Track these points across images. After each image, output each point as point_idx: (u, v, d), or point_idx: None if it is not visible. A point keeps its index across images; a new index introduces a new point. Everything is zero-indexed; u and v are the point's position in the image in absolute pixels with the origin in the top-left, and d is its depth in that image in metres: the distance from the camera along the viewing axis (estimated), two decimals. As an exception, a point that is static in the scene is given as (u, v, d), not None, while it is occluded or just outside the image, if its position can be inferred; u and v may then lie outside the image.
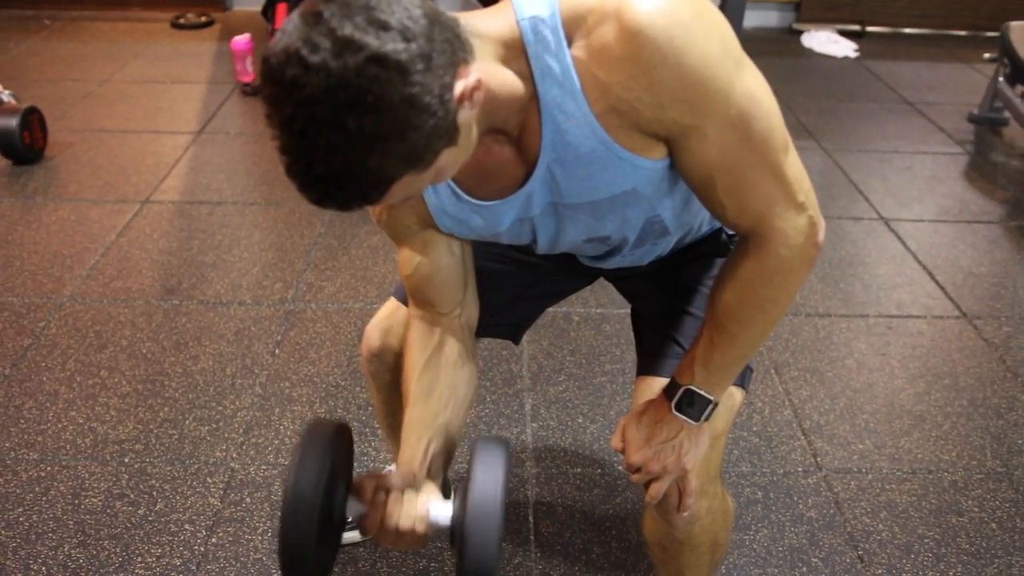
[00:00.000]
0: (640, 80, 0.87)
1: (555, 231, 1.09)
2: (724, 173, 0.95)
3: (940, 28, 5.47)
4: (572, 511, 1.81)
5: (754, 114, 0.92)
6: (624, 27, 0.85)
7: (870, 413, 2.12)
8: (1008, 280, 2.74)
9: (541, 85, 0.91)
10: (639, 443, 1.11)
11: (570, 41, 0.90)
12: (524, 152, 0.98)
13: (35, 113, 3.26)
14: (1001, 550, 1.76)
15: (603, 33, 0.87)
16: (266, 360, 2.22)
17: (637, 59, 0.86)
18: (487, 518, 0.98)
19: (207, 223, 2.89)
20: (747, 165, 0.94)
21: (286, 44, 0.74)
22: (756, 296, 1.02)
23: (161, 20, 5.09)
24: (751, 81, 0.92)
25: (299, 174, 0.79)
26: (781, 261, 0.99)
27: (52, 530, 1.71)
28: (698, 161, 0.94)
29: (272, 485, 1.83)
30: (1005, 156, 3.73)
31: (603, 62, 0.88)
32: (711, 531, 1.24)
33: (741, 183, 0.95)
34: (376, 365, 1.42)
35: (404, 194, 0.85)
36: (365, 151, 0.76)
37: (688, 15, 0.86)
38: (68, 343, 2.26)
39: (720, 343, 1.06)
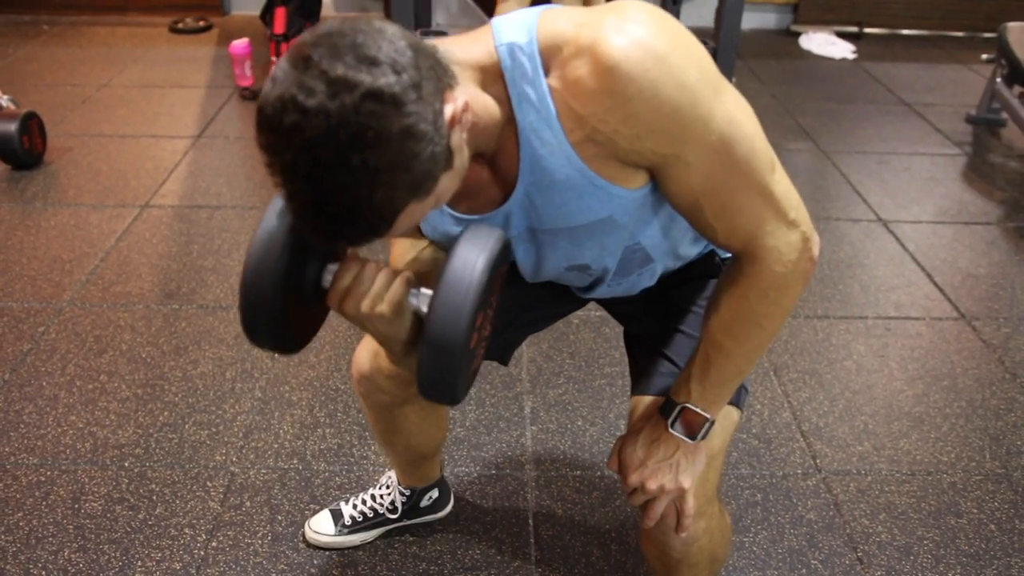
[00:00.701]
0: (616, 113, 0.88)
1: (535, 258, 1.10)
2: (710, 197, 0.95)
3: (938, 29, 5.48)
4: (572, 514, 1.81)
5: (735, 137, 0.92)
6: (598, 62, 0.86)
7: (869, 415, 2.13)
8: (1006, 281, 2.74)
9: (518, 111, 0.92)
10: (636, 463, 1.11)
11: (547, 70, 0.91)
12: (501, 174, 0.99)
13: (34, 118, 3.26)
14: (1000, 551, 1.76)
15: (577, 66, 0.88)
16: (266, 364, 2.22)
17: (612, 93, 0.87)
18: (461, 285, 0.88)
19: (206, 227, 2.89)
20: (733, 188, 0.95)
21: (280, 92, 0.75)
22: (752, 312, 1.02)
23: (159, 25, 5.10)
24: (731, 105, 0.92)
25: (310, 217, 0.80)
26: (776, 277, 0.99)
27: (52, 535, 1.71)
28: (683, 188, 0.95)
29: (272, 489, 1.84)
30: (1003, 157, 3.73)
31: (578, 95, 0.89)
32: (709, 550, 1.23)
33: (729, 205, 0.96)
34: (366, 387, 1.42)
35: (409, 223, 0.86)
36: (371, 186, 0.77)
37: (663, 47, 0.87)
38: (68, 348, 2.26)
39: (716, 360, 1.06)
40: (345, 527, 1.70)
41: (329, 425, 2.02)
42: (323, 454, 1.94)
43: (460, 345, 0.89)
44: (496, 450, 1.97)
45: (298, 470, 1.89)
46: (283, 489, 1.84)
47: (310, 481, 1.86)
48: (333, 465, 1.91)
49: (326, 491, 1.84)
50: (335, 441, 1.98)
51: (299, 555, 1.69)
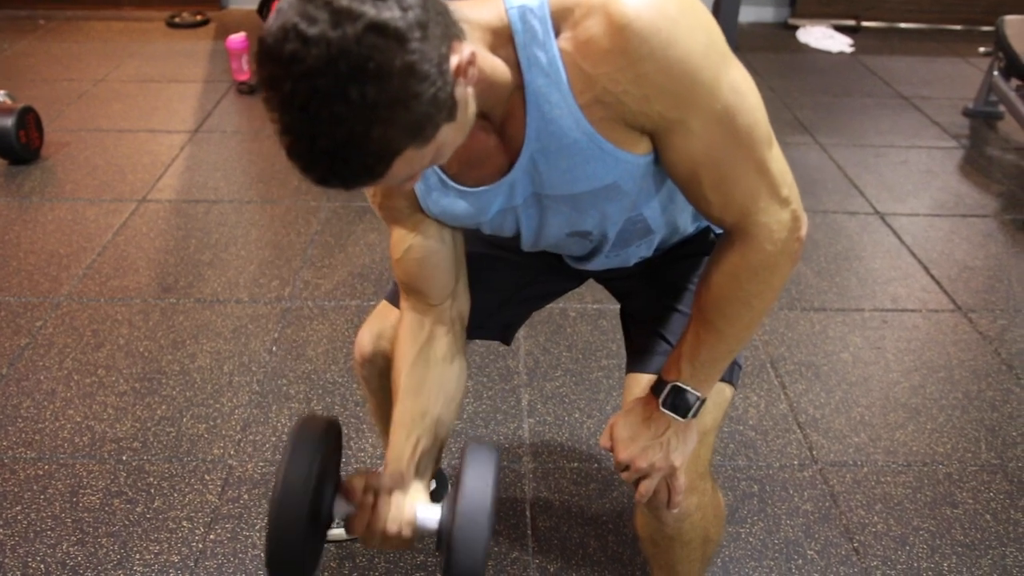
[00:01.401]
0: (627, 73, 0.88)
1: (538, 223, 1.10)
2: (709, 168, 0.95)
3: (935, 23, 5.48)
4: (568, 506, 1.82)
5: (739, 108, 0.92)
6: (611, 20, 0.86)
7: (865, 406, 2.13)
8: (1003, 273, 2.74)
9: (528, 74, 0.91)
10: (627, 441, 1.11)
11: (557, 32, 0.90)
12: (508, 141, 0.98)
13: (31, 113, 3.26)
14: (995, 541, 1.76)
15: (590, 26, 0.87)
16: (263, 358, 2.23)
17: (624, 52, 0.86)
18: (475, 525, 0.98)
19: (204, 221, 2.89)
20: (732, 159, 0.95)
21: (282, 21, 0.74)
22: (741, 291, 1.03)
23: (156, 19, 5.09)
24: (737, 76, 0.93)
25: (302, 152, 0.77)
26: (766, 256, 1.00)
27: (50, 528, 1.72)
28: (683, 156, 0.95)
29: (269, 482, 1.84)
30: (1000, 150, 3.74)
31: (590, 54, 0.89)
32: (701, 527, 1.24)
33: (727, 177, 0.96)
34: (368, 370, 1.42)
35: (407, 171, 0.84)
36: (369, 121, 0.74)
37: (675, 10, 0.87)
38: (65, 342, 2.26)
39: (707, 339, 1.07)
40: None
41: (327, 418, 2.03)
42: (321, 447, 1.94)
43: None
44: (493, 442, 1.98)
45: (296, 463, 1.89)
46: (281, 482, 1.84)
47: (308, 474, 1.87)
48: (331, 458, 1.91)
49: (324, 484, 1.84)
50: (333, 434, 1.98)
51: (297, 547, 1.69)
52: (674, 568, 1.32)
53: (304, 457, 0.99)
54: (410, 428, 1.15)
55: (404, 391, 1.18)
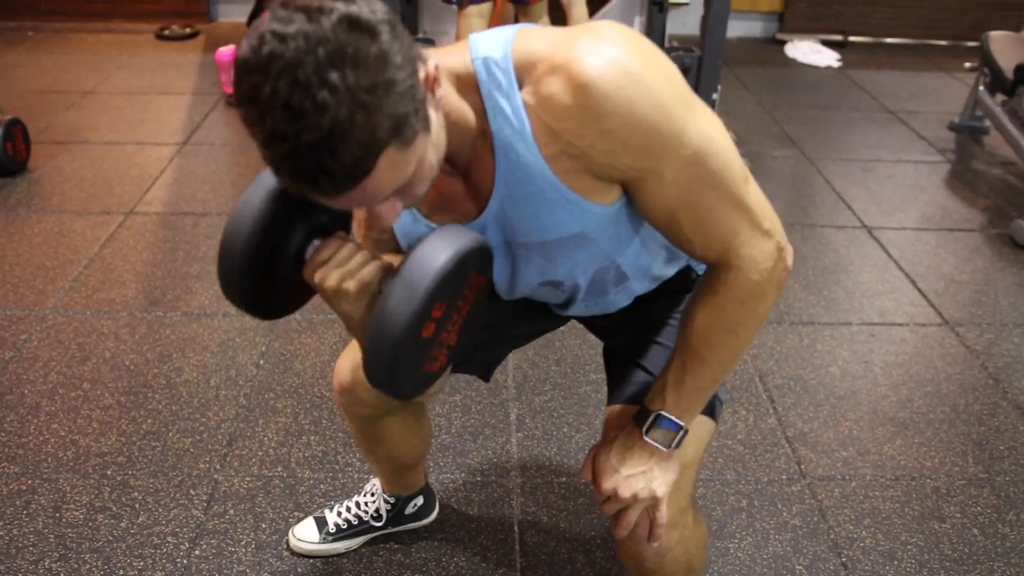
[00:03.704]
0: (591, 128, 0.90)
1: (510, 273, 1.11)
2: (686, 211, 0.96)
3: (921, 38, 5.53)
4: (557, 520, 1.81)
5: (709, 151, 0.93)
6: (572, 79, 0.88)
7: (853, 420, 2.13)
8: (989, 287, 2.76)
9: (494, 123, 0.94)
10: (610, 471, 1.10)
11: (521, 85, 0.93)
12: (475, 187, 1.00)
13: (18, 125, 3.24)
14: (983, 556, 1.76)
15: (551, 83, 0.90)
16: (250, 371, 2.22)
17: (586, 108, 0.88)
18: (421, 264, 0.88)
19: (191, 234, 2.88)
20: (708, 200, 0.96)
21: (258, 32, 0.76)
22: (728, 320, 1.03)
23: (145, 32, 5.08)
24: (703, 122, 0.94)
25: (288, 154, 0.76)
26: (753, 286, 1.01)
27: (33, 544, 1.70)
28: (658, 202, 0.96)
29: (256, 497, 1.83)
30: (986, 164, 3.76)
31: (552, 110, 0.91)
32: (684, 560, 1.23)
33: (705, 218, 0.97)
34: (347, 399, 1.41)
35: (391, 177, 0.82)
36: (352, 106, 0.75)
37: (637, 65, 0.89)
38: (50, 355, 2.25)
39: (692, 368, 1.06)
40: (329, 535, 1.69)
41: (314, 432, 2.01)
42: (307, 461, 1.93)
43: (404, 327, 0.87)
44: (482, 457, 1.97)
45: (282, 478, 1.88)
46: (267, 497, 1.83)
47: (294, 489, 1.85)
48: (318, 472, 1.90)
49: (311, 499, 1.83)
50: (320, 448, 1.97)
51: (283, 563, 1.68)
52: None
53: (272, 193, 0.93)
54: None
55: None
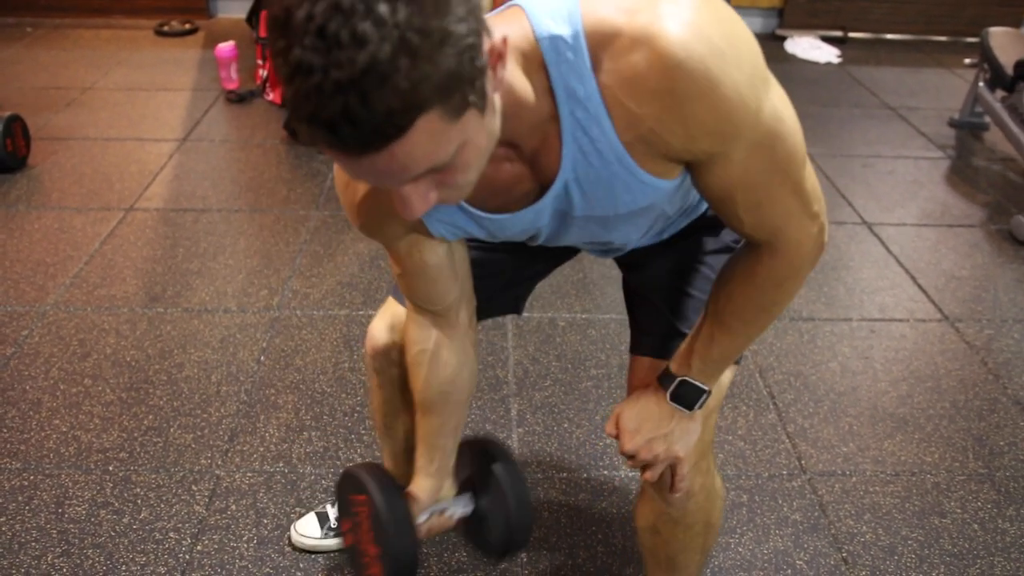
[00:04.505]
0: (675, 114, 0.84)
1: (556, 233, 1.07)
2: (746, 191, 0.93)
3: (921, 34, 5.52)
4: (558, 516, 1.81)
5: (779, 133, 0.91)
6: (660, 58, 0.80)
7: (854, 416, 2.14)
8: (989, 283, 2.76)
9: (563, 107, 0.86)
10: (632, 432, 1.12)
11: (596, 63, 0.84)
12: (539, 170, 0.94)
13: (17, 121, 3.24)
14: (983, 551, 1.77)
15: (635, 62, 0.82)
16: (251, 367, 2.22)
17: (672, 92, 0.82)
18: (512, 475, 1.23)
19: (192, 230, 2.88)
20: (770, 183, 0.93)
21: None
22: (764, 298, 1.04)
23: (144, 27, 5.07)
24: (776, 100, 0.90)
25: (310, 91, 0.64)
26: (792, 268, 1.01)
27: (35, 539, 1.70)
28: (721, 181, 0.93)
29: (258, 492, 1.83)
30: (986, 160, 3.76)
31: (635, 93, 0.83)
32: (705, 509, 1.25)
33: (763, 201, 0.95)
34: (381, 362, 1.42)
35: (427, 149, 0.71)
36: (397, 47, 0.63)
37: (722, 40, 0.82)
38: (51, 351, 2.25)
39: (721, 339, 1.07)
40: (331, 529, 1.70)
41: (315, 428, 2.02)
42: (309, 457, 1.93)
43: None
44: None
45: (284, 473, 1.89)
46: (269, 493, 1.83)
47: (296, 484, 1.86)
48: (319, 468, 1.90)
49: (312, 494, 1.83)
50: (321, 444, 1.97)
51: (285, 559, 1.68)
52: (674, 560, 1.33)
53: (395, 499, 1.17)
54: (431, 451, 1.28)
55: (421, 410, 1.27)
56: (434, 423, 1.27)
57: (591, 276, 2.64)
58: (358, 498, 1.18)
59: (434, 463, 1.27)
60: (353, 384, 2.17)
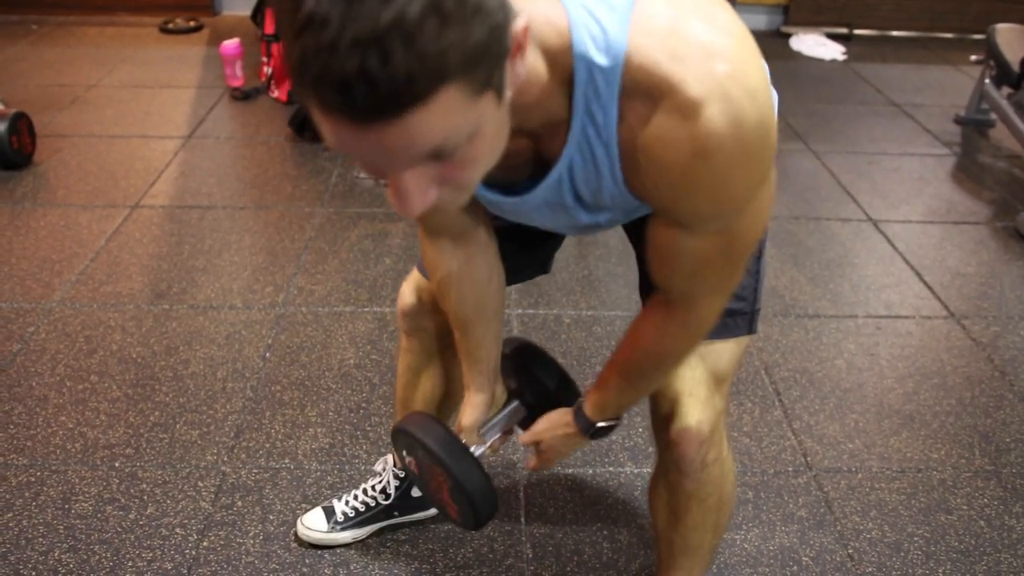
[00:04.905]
0: (679, 189, 0.84)
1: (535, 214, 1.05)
2: (690, 261, 0.95)
3: (927, 31, 5.51)
4: (563, 512, 1.81)
5: (748, 233, 0.93)
6: (694, 141, 0.78)
7: (860, 413, 2.13)
8: (995, 280, 2.75)
9: (577, 120, 0.84)
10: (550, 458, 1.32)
11: (625, 96, 0.81)
12: (537, 154, 0.93)
13: (23, 118, 3.25)
14: (990, 547, 1.77)
15: (668, 130, 0.79)
16: (257, 364, 2.22)
17: (686, 174, 0.82)
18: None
19: (197, 227, 2.88)
20: (716, 266, 0.97)
21: None
22: (668, 362, 1.13)
23: (149, 25, 5.08)
24: (765, 197, 0.91)
25: (324, 47, 0.58)
26: (699, 336, 1.07)
27: (42, 535, 1.71)
28: (673, 242, 0.93)
29: (263, 489, 1.83)
30: (992, 157, 3.75)
31: (652, 154, 0.82)
32: (718, 482, 1.26)
33: (699, 273, 0.97)
34: (410, 322, 1.47)
35: (443, 125, 0.66)
36: (427, 8, 0.58)
37: (755, 140, 0.81)
38: (57, 348, 2.25)
39: (627, 391, 1.18)
40: (337, 523, 1.70)
41: (320, 424, 2.02)
42: (314, 453, 1.94)
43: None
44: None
45: (289, 469, 1.89)
46: (274, 489, 1.84)
47: (302, 480, 1.86)
48: (325, 464, 1.91)
49: (318, 490, 1.83)
50: (327, 440, 1.97)
51: (291, 554, 1.69)
52: (687, 540, 1.34)
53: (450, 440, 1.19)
54: (476, 359, 1.30)
55: (460, 328, 1.29)
56: (475, 337, 1.28)
57: (596, 273, 2.64)
58: (434, 468, 1.20)
59: (482, 375, 1.30)
60: (358, 380, 2.17)
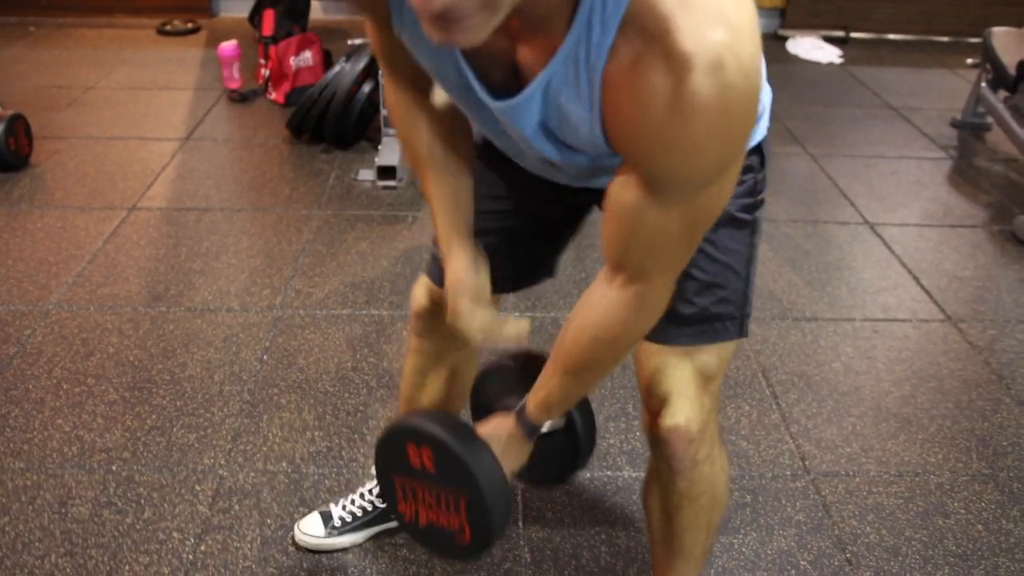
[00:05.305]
0: (654, 144, 0.82)
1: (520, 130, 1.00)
2: (650, 234, 0.92)
3: (923, 34, 5.52)
4: (561, 516, 1.81)
5: (709, 209, 0.92)
6: (677, 95, 0.77)
7: (857, 416, 2.14)
8: (992, 283, 2.76)
9: (573, 32, 0.81)
10: None
11: (625, 21, 0.78)
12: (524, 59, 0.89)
13: (20, 120, 3.24)
14: (988, 551, 1.77)
15: (654, 83, 0.78)
16: (254, 367, 2.22)
17: (663, 129, 0.80)
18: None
19: (194, 230, 2.88)
20: (673, 240, 0.94)
21: None
22: (618, 351, 1.08)
23: (147, 27, 5.08)
24: (731, 177, 0.91)
25: None
26: (653, 318, 1.04)
27: (39, 539, 1.70)
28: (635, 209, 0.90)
29: (261, 492, 1.83)
30: (988, 161, 3.76)
31: (634, 103, 0.80)
32: (711, 481, 1.25)
33: (657, 248, 0.95)
34: (423, 324, 1.46)
35: None
36: None
37: (738, 114, 0.80)
38: (54, 351, 2.25)
39: (574, 387, 1.14)
40: (335, 528, 1.70)
41: (318, 428, 2.02)
42: (312, 457, 1.93)
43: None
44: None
45: (287, 473, 1.89)
46: (272, 492, 1.83)
47: (299, 484, 1.86)
48: (322, 468, 1.90)
49: (315, 494, 1.83)
50: (324, 444, 1.97)
51: (288, 559, 1.68)
52: (680, 540, 1.33)
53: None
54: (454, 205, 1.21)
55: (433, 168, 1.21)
56: (450, 182, 1.21)
57: (593, 276, 2.64)
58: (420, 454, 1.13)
59: (461, 222, 1.22)
60: (356, 384, 2.17)
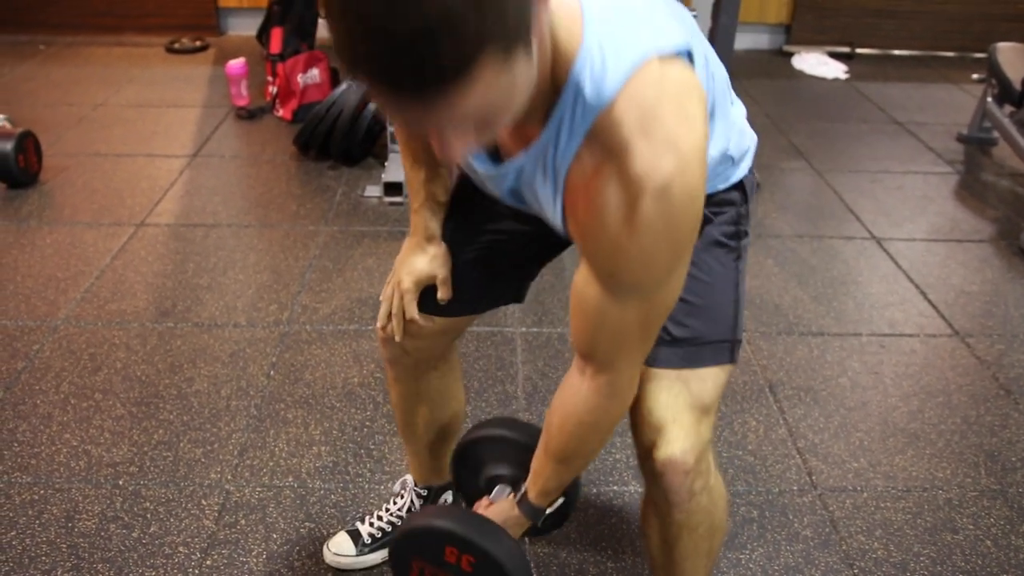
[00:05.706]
0: (607, 250, 0.93)
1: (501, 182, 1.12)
2: (611, 328, 1.02)
3: (929, 49, 5.53)
4: (567, 531, 1.81)
5: (663, 305, 1.01)
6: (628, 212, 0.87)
7: (864, 431, 2.13)
8: (999, 298, 2.75)
9: (546, 133, 0.92)
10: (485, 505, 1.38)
11: (590, 135, 0.88)
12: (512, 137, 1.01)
13: (30, 137, 3.27)
14: (996, 567, 1.76)
15: (608, 190, 0.88)
16: (261, 382, 2.22)
17: (616, 238, 0.90)
18: None
19: (202, 246, 2.89)
20: (633, 335, 1.03)
21: None
22: (602, 433, 1.17)
23: (155, 45, 5.12)
24: (681, 274, 0.98)
25: (381, 42, 0.65)
26: (624, 404, 1.13)
27: (45, 554, 1.70)
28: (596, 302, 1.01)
29: (267, 507, 1.83)
30: (994, 175, 3.76)
31: (590, 209, 0.92)
32: (708, 510, 1.25)
33: (619, 340, 1.04)
34: (392, 350, 1.49)
35: (484, 92, 0.71)
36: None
37: (684, 230, 0.90)
38: (62, 366, 2.26)
39: (566, 472, 1.23)
40: (366, 546, 1.69)
41: (324, 443, 2.02)
42: (318, 472, 1.93)
43: None
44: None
45: (293, 488, 1.89)
46: (278, 507, 1.83)
47: (305, 499, 1.86)
48: (328, 483, 1.90)
49: (321, 509, 1.83)
50: (331, 459, 1.97)
51: (294, 574, 1.68)
52: (681, 567, 1.33)
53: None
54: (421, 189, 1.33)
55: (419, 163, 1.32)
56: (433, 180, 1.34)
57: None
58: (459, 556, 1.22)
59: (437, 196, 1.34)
60: (362, 399, 2.17)
